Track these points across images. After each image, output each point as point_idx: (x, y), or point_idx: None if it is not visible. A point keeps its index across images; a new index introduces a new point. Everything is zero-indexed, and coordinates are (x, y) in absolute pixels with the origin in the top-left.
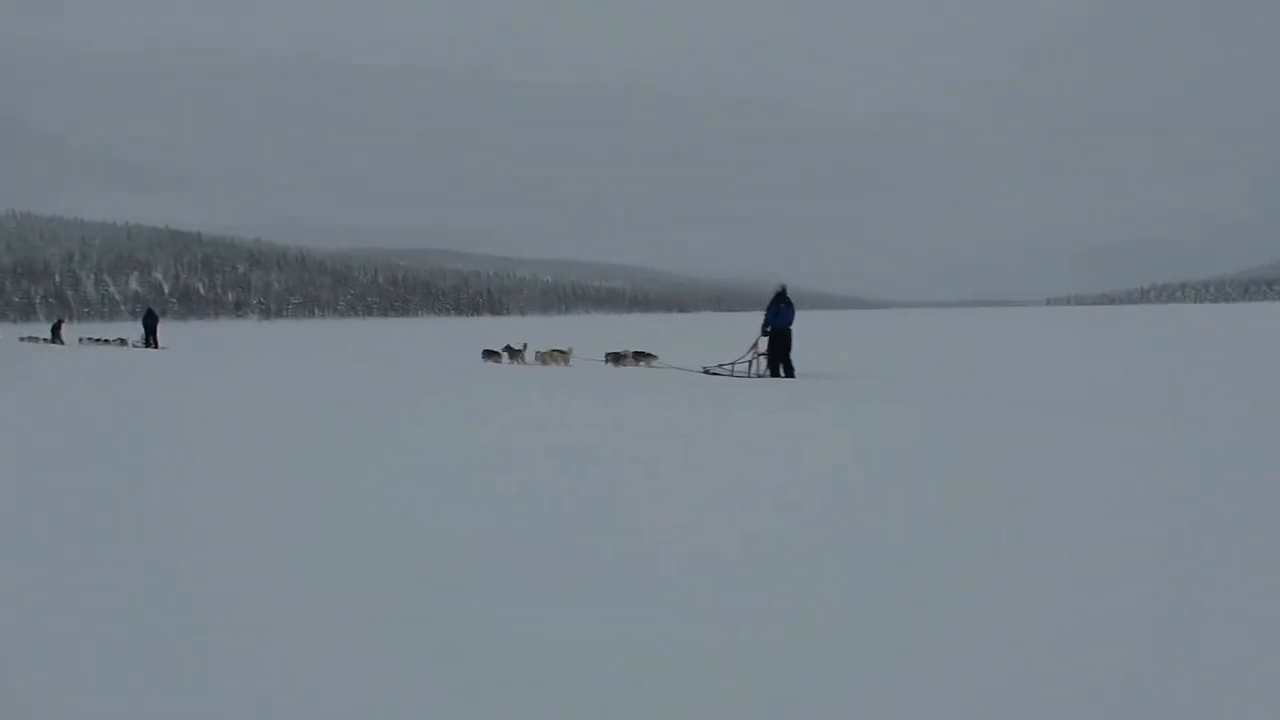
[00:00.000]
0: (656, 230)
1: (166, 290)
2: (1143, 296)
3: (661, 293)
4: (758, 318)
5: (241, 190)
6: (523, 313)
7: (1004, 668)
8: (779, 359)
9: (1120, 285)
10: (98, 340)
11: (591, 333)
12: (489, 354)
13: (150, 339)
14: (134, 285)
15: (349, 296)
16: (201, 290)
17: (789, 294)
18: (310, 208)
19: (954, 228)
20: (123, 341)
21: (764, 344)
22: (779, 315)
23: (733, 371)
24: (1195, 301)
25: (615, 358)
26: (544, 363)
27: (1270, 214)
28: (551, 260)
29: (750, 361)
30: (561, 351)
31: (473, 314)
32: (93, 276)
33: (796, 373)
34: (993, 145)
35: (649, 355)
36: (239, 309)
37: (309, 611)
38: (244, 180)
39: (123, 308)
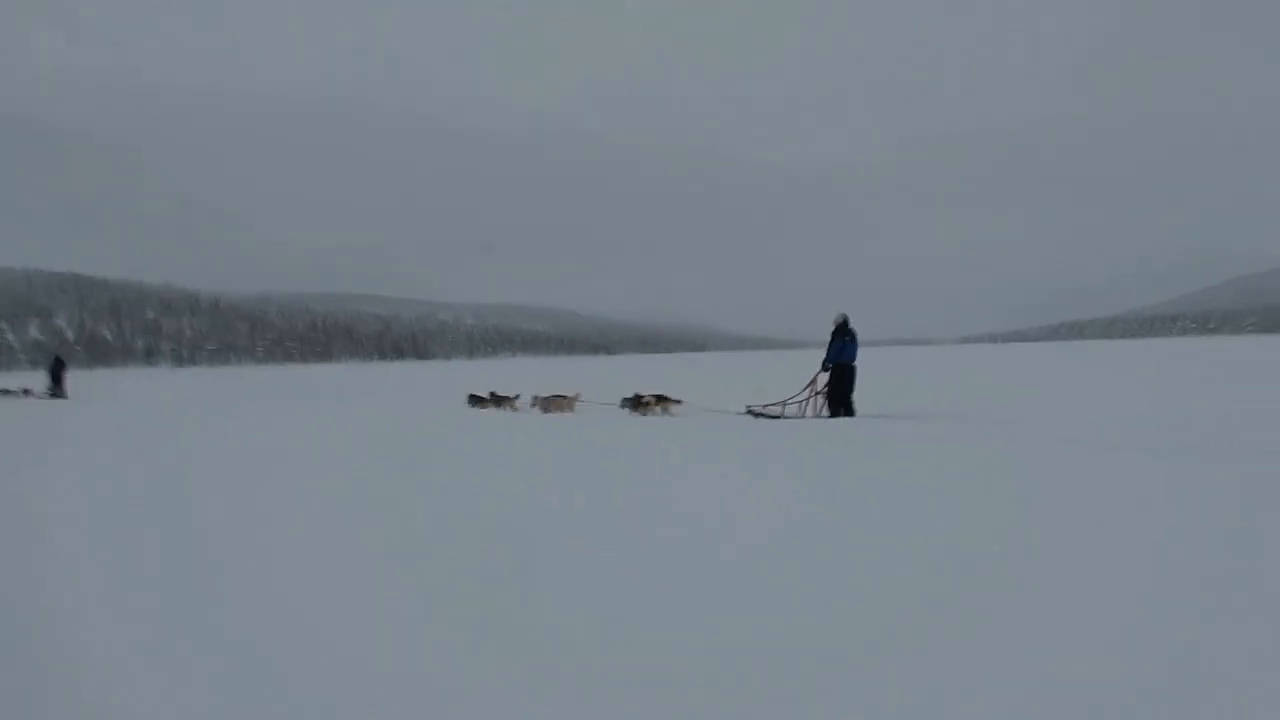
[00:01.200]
0: (577, 273)
1: (71, 337)
2: (1053, 334)
3: (587, 335)
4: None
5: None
6: (448, 357)
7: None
8: (841, 398)
9: (1028, 323)
10: (2, 391)
11: (544, 375)
12: (476, 400)
13: (57, 388)
14: (34, 333)
15: (266, 342)
16: (109, 337)
17: (851, 325)
18: (215, 247)
19: (865, 272)
20: (27, 392)
21: (823, 380)
22: (843, 349)
23: (782, 413)
24: (1106, 337)
25: (635, 402)
26: (544, 409)
27: (1165, 257)
28: (472, 304)
29: (805, 401)
30: (565, 397)
31: (396, 359)
32: None
33: (857, 412)
34: (903, 197)
35: (670, 399)
36: (150, 356)
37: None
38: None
39: (21, 356)
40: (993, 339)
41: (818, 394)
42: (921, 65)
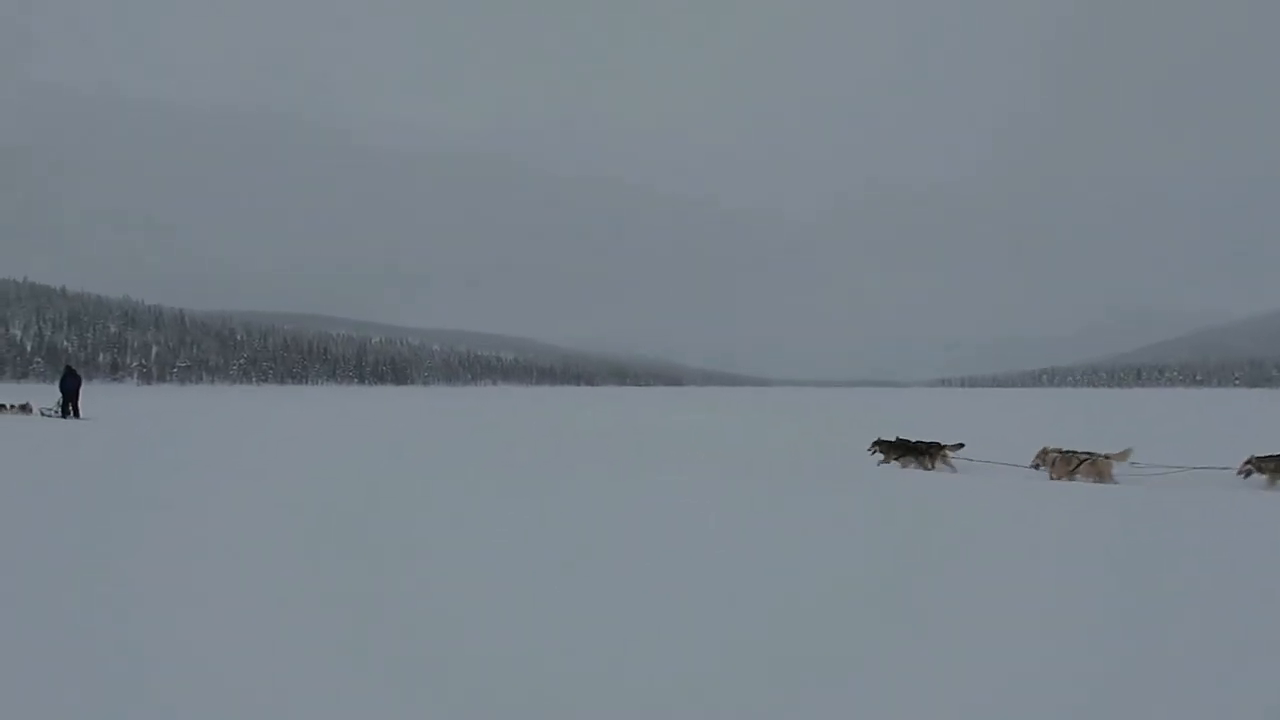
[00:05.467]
0: (521, 302)
1: (29, 349)
2: (1035, 380)
3: (563, 365)
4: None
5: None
6: (426, 383)
7: None
8: None
9: (992, 370)
10: None
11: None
12: (887, 446)
13: (69, 406)
14: None
15: (241, 361)
16: (71, 351)
17: None
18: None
19: (832, 314)
20: (26, 408)
21: None
22: None
23: None
24: (1090, 385)
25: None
26: (1057, 473)
27: (1108, 311)
28: (433, 330)
29: None
30: (1104, 457)
31: (376, 383)
32: None
33: None
34: (869, 245)
35: None
36: (115, 372)
37: None
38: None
39: None
40: (973, 383)
41: None
42: (862, 118)
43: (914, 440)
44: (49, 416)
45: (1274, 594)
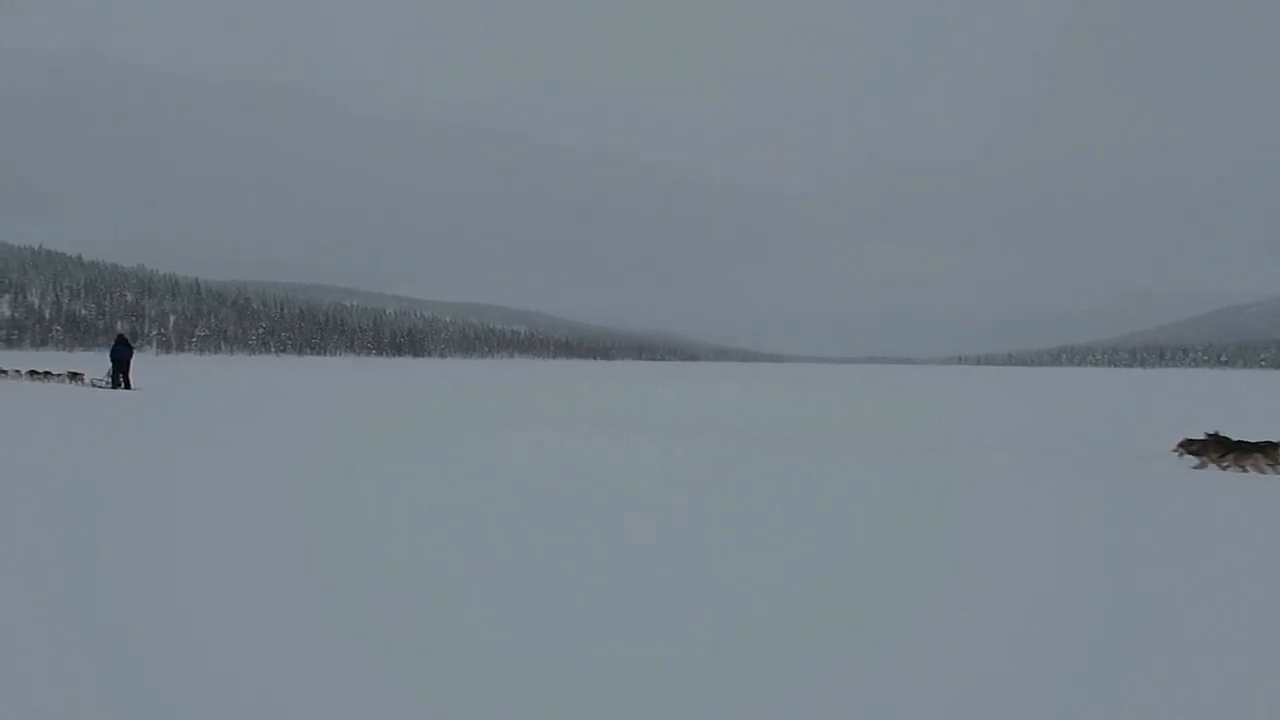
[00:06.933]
0: (530, 274)
1: (47, 317)
2: (1054, 358)
3: (578, 339)
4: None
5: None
6: (443, 355)
7: None
8: None
9: (1013, 348)
10: (39, 374)
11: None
12: (1216, 445)
13: (120, 376)
14: (4, 309)
15: (259, 331)
16: (90, 318)
17: None
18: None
19: (844, 291)
20: (77, 377)
21: None
22: None
23: None
24: (1112, 365)
25: None
26: None
27: (1115, 292)
28: (445, 302)
29: None
30: None
31: (394, 354)
32: None
33: None
34: (880, 222)
35: None
36: (134, 340)
37: None
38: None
39: None
40: (990, 361)
41: None
42: (868, 94)
43: (1238, 439)
44: (100, 386)
45: None
